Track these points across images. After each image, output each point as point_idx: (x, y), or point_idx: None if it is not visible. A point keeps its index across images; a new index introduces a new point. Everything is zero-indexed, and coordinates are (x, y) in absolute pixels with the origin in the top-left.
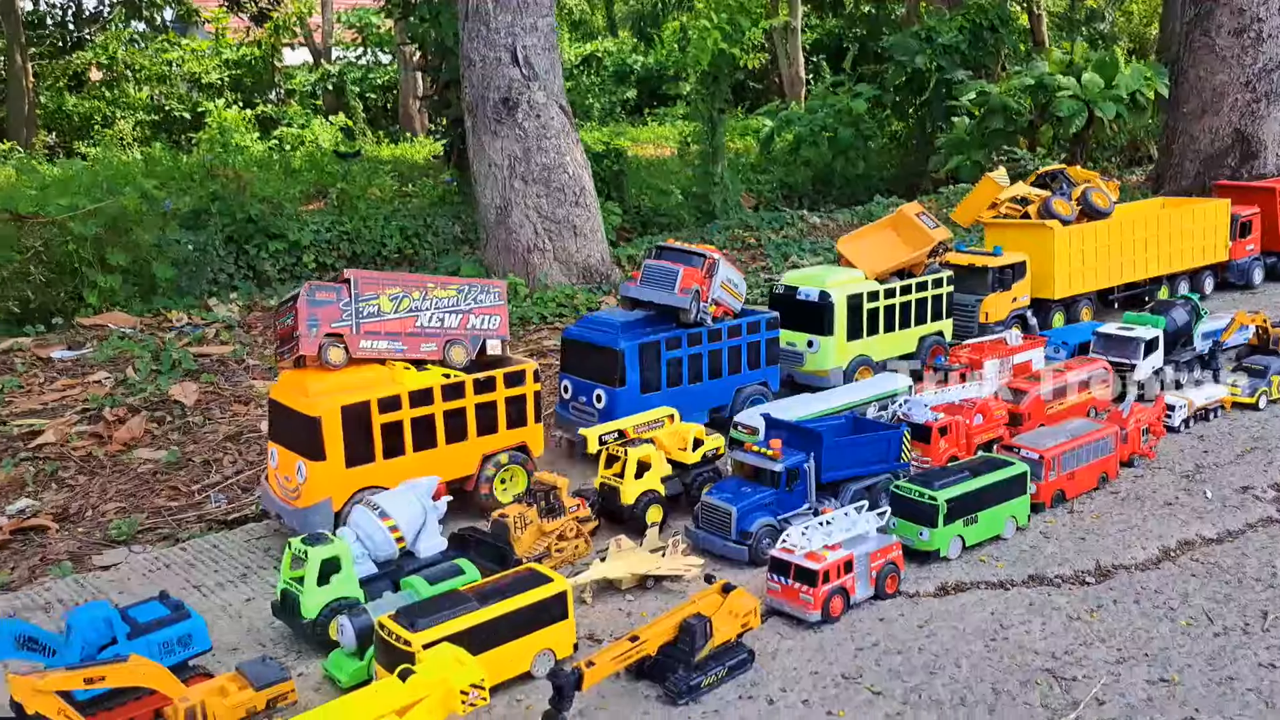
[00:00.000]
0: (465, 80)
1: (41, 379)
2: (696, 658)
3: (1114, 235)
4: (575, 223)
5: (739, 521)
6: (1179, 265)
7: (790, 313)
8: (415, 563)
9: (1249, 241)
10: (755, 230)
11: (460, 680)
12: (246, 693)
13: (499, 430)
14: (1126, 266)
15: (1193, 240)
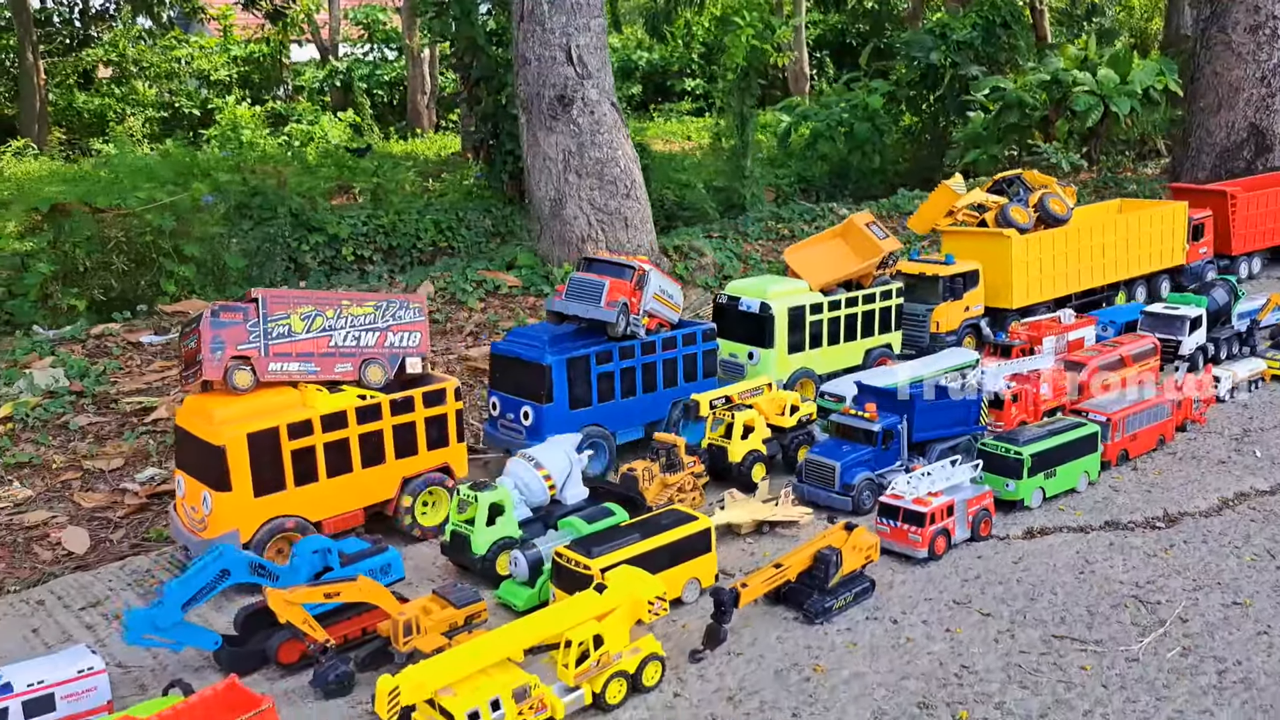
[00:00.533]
0: (520, 78)
1: (138, 361)
2: (830, 583)
3: (1072, 242)
4: (626, 214)
5: (842, 475)
6: (1136, 270)
7: (733, 324)
8: (563, 508)
9: (1202, 245)
10: (788, 222)
11: (646, 593)
12: (448, 611)
13: (419, 452)
14: (1084, 273)
15: (1150, 245)
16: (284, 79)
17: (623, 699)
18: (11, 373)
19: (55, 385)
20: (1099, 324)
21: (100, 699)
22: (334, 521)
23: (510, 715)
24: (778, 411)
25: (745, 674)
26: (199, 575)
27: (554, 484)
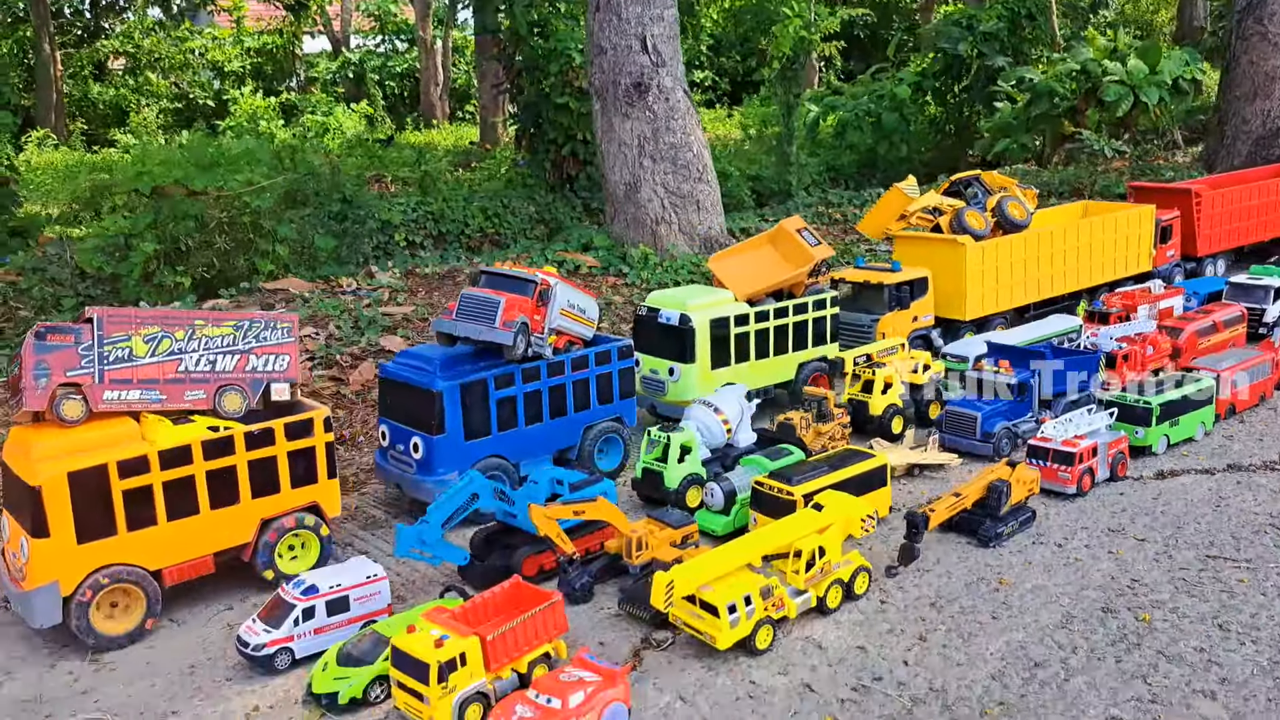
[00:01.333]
0: (595, 66)
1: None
2: (1001, 511)
3: (1031, 249)
4: (698, 197)
5: (982, 425)
6: (1101, 277)
7: (653, 337)
8: (736, 449)
9: (1170, 247)
10: (838, 206)
11: (858, 512)
12: (667, 531)
13: (281, 490)
14: (1044, 282)
15: (1115, 250)
16: (296, 70)
17: (839, 603)
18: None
19: None
20: (1184, 294)
21: (383, 602)
22: (177, 570)
23: (758, 610)
24: (910, 369)
25: (939, 586)
26: (454, 499)
27: (730, 427)
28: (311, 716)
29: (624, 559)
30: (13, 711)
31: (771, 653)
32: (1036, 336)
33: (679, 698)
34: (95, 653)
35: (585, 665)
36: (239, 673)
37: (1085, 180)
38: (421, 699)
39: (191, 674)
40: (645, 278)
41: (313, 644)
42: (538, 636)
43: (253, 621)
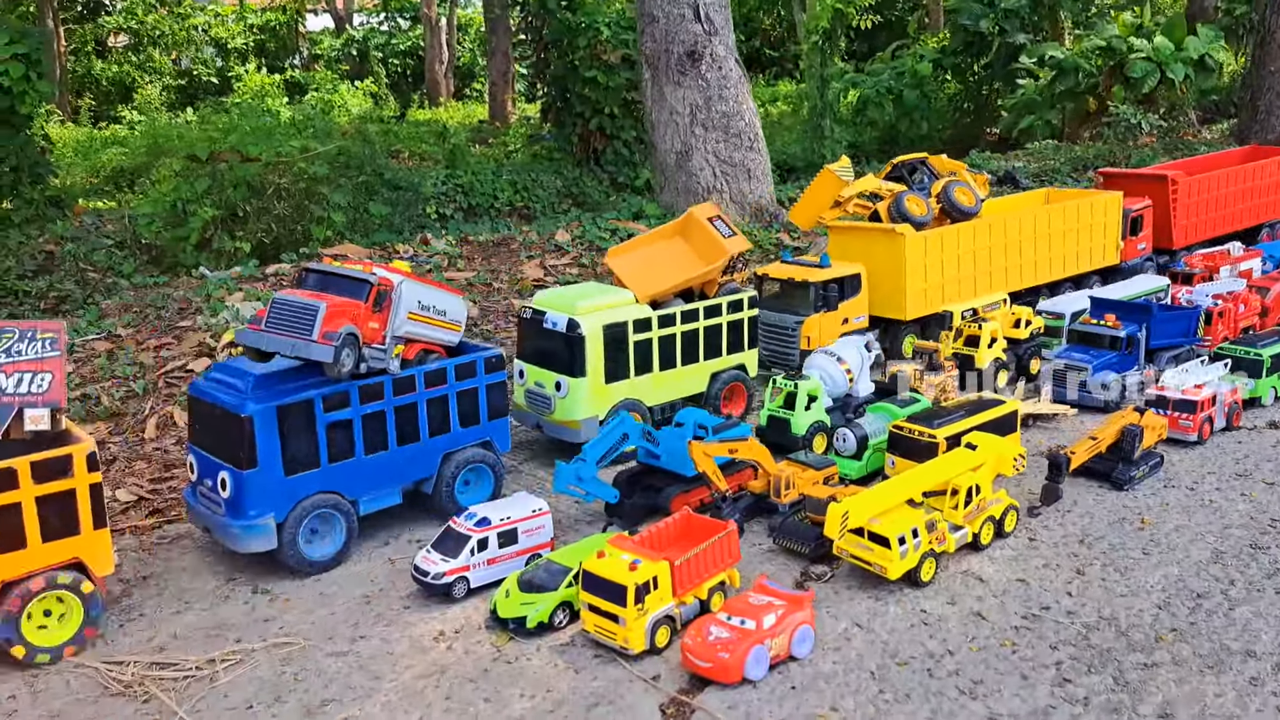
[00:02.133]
0: (646, 35)
1: None
2: (1135, 455)
3: (981, 239)
4: (749, 166)
5: (1093, 377)
6: (1062, 271)
7: (539, 344)
8: (857, 398)
9: (1140, 239)
10: None
11: (1010, 452)
12: (810, 472)
13: (28, 545)
14: (997, 275)
15: (1078, 241)
16: (300, 48)
17: (990, 540)
18: (216, 305)
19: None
20: (1262, 257)
21: (546, 535)
22: None
23: (924, 543)
24: (1011, 325)
25: (1084, 525)
26: (607, 438)
27: (852, 376)
28: (501, 639)
29: (771, 498)
30: (200, 638)
31: (935, 584)
32: (1128, 295)
33: (855, 624)
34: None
35: (768, 591)
36: (415, 601)
37: (1119, 155)
38: (616, 620)
39: (368, 603)
40: None
41: (486, 574)
42: (716, 564)
43: (428, 552)
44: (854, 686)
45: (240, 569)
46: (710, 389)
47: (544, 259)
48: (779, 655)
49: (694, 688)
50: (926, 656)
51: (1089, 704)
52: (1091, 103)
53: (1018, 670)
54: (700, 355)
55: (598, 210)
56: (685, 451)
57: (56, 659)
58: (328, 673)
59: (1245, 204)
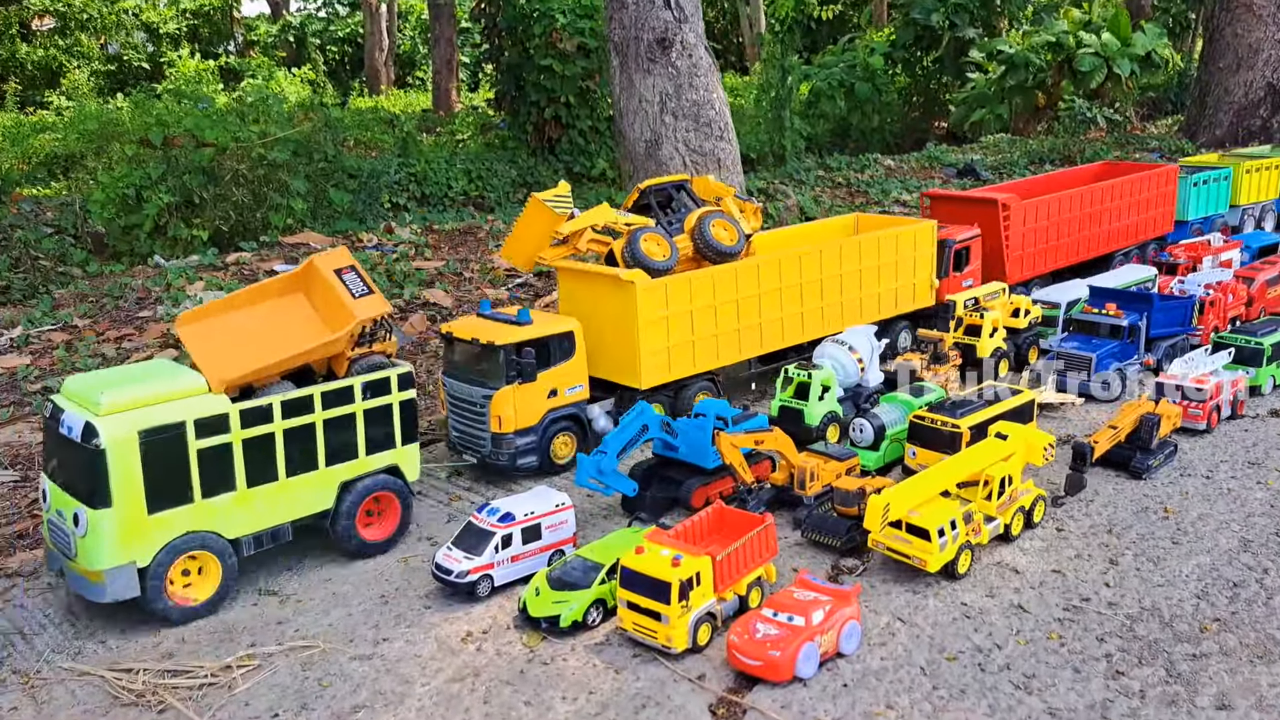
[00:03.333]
0: (614, 22)
1: None
2: (1153, 444)
3: (745, 287)
4: (720, 156)
5: (1097, 366)
6: (862, 316)
7: (61, 457)
8: (868, 388)
9: (967, 274)
10: (839, 171)
11: (1040, 440)
12: (833, 464)
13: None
14: (770, 330)
15: (881, 281)
16: (234, 33)
17: (1020, 531)
18: (178, 294)
19: None
20: (1241, 247)
21: (570, 530)
22: None
23: (961, 534)
24: (1009, 314)
25: (1109, 514)
26: (627, 430)
27: (864, 365)
28: (532, 639)
29: (794, 490)
30: (209, 642)
31: (970, 577)
32: (1120, 284)
33: (897, 619)
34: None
35: (812, 586)
36: (436, 601)
37: (1072, 149)
38: (658, 619)
39: (385, 603)
40: None
41: (510, 571)
42: (755, 559)
43: (449, 549)
44: (906, 683)
45: (241, 572)
46: (340, 505)
47: None
48: (827, 652)
49: (742, 686)
50: (975, 651)
51: (1145, 697)
52: (1041, 97)
53: (1069, 663)
54: (320, 460)
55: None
56: (705, 443)
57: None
58: (354, 678)
59: (1093, 230)
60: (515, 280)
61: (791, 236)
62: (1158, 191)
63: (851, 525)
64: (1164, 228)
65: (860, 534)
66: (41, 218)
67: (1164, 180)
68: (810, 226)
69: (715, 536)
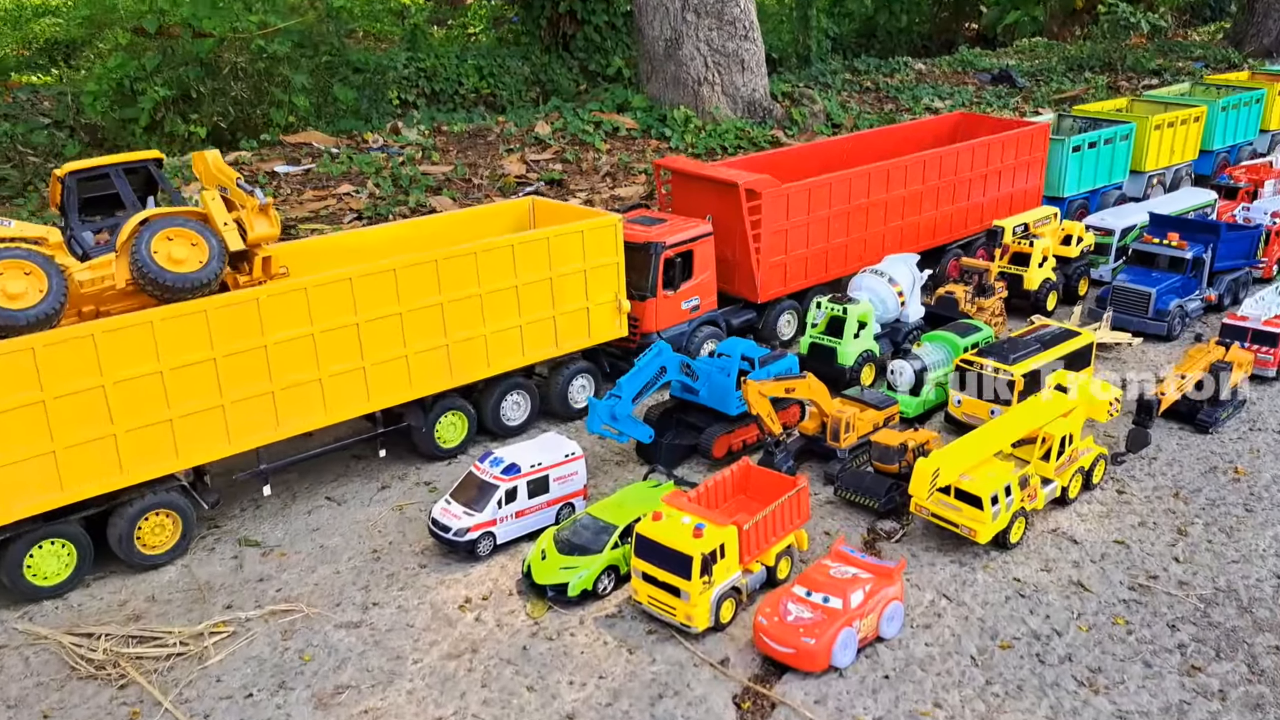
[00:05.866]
0: None
1: (287, 190)
2: (1222, 396)
3: (194, 346)
4: (743, 57)
5: (1156, 302)
6: (489, 367)
7: None
8: (907, 324)
9: (689, 292)
10: (866, 74)
11: (1106, 395)
12: (870, 412)
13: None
14: (241, 424)
15: (532, 307)
16: None
17: (1078, 494)
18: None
19: None
20: None
21: (580, 482)
22: None
23: (1015, 501)
24: (1060, 242)
25: (1174, 475)
26: (643, 372)
27: (904, 299)
28: (538, 609)
29: (827, 441)
30: (182, 601)
31: (1023, 546)
32: (1175, 210)
33: (942, 595)
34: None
35: (851, 560)
36: (432, 559)
37: (1114, 55)
38: (677, 594)
39: (377, 560)
40: (690, 141)
41: (514, 528)
42: (785, 526)
43: (447, 503)
44: (956, 676)
45: (223, 516)
46: None
47: (524, 153)
48: (866, 637)
49: (770, 674)
50: (1032, 638)
51: (1226, 698)
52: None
53: (1138, 656)
54: None
55: (569, 100)
56: (728, 388)
57: None
58: (339, 650)
59: (858, 232)
60: (527, 188)
61: (434, 231)
62: (1020, 159)
63: (892, 484)
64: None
65: (901, 495)
66: (38, 107)
67: (1031, 143)
68: (475, 213)
69: (740, 498)
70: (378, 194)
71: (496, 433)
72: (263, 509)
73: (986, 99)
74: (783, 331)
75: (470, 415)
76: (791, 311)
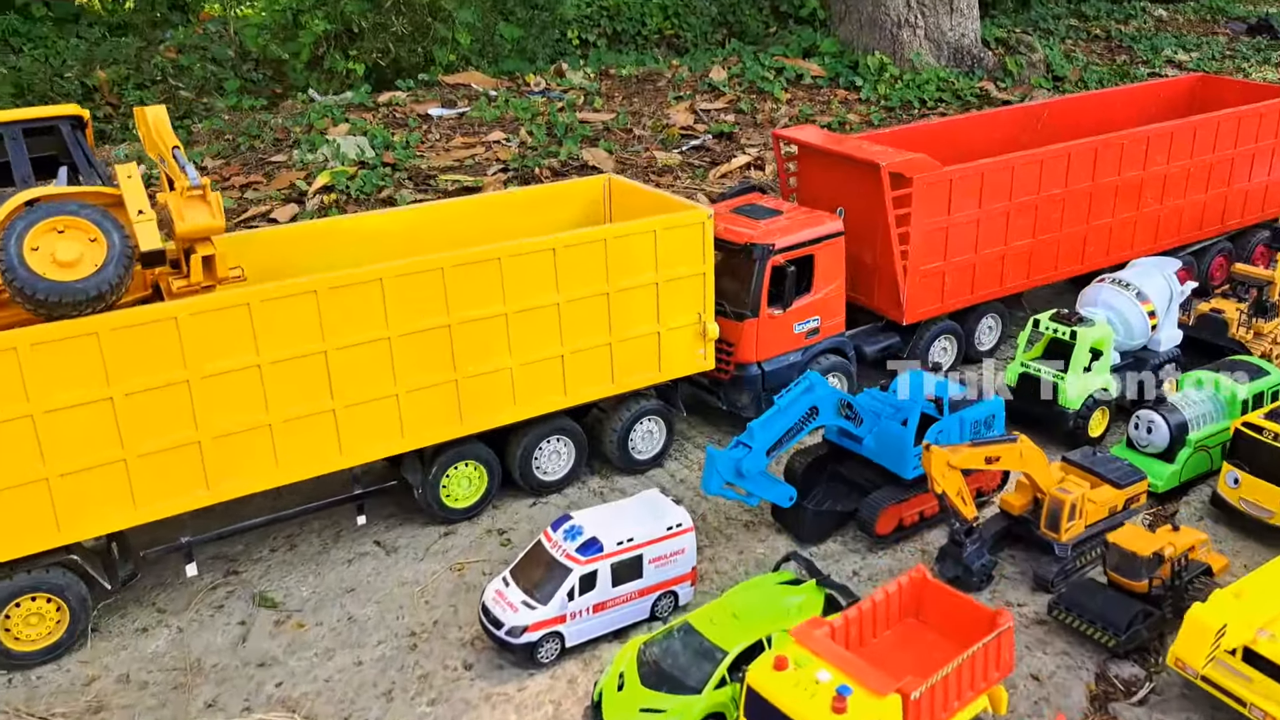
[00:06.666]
0: None
1: (436, 135)
2: None
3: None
4: None
5: None
6: (479, 419)
7: None
8: (1158, 354)
9: (806, 310)
10: (1095, 20)
11: None
12: (1107, 491)
13: None
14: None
15: (546, 337)
16: None
17: None
18: (315, 138)
19: (364, 155)
20: None
21: (687, 564)
22: None
23: None
24: None
25: None
26: (785, 414)
27: (1156, 320)
28: None
29: (1039, 529)
30: (160, 686)
31: None
32: None
33: None
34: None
35: None
36: (483, 656)
37: None
38: None
39: (414, 648)
40: (882, 93)
41: (590, 626)
42: (975, 684)
43: (505, 584)
44: None
45: (246, 558)
46: None
47: (695, 101)
48: None
49: None
50: None
51: None
52: None
53: None
54: None
55: (758, 44)
56: (904, 442)
57: None
58: None
59: (1113, 214)
60: (693, 141)
61: (453, 213)
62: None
63: (1139, 611)
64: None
65: (1149, 627)
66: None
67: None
68: (532, 194)
69: (909, 624)
70: (529, 143)
71: (525, 488)
72: (299, 550)
73: (1241, 53)
74: (935, 364)
75: (492, 466)
76: (950, 337)
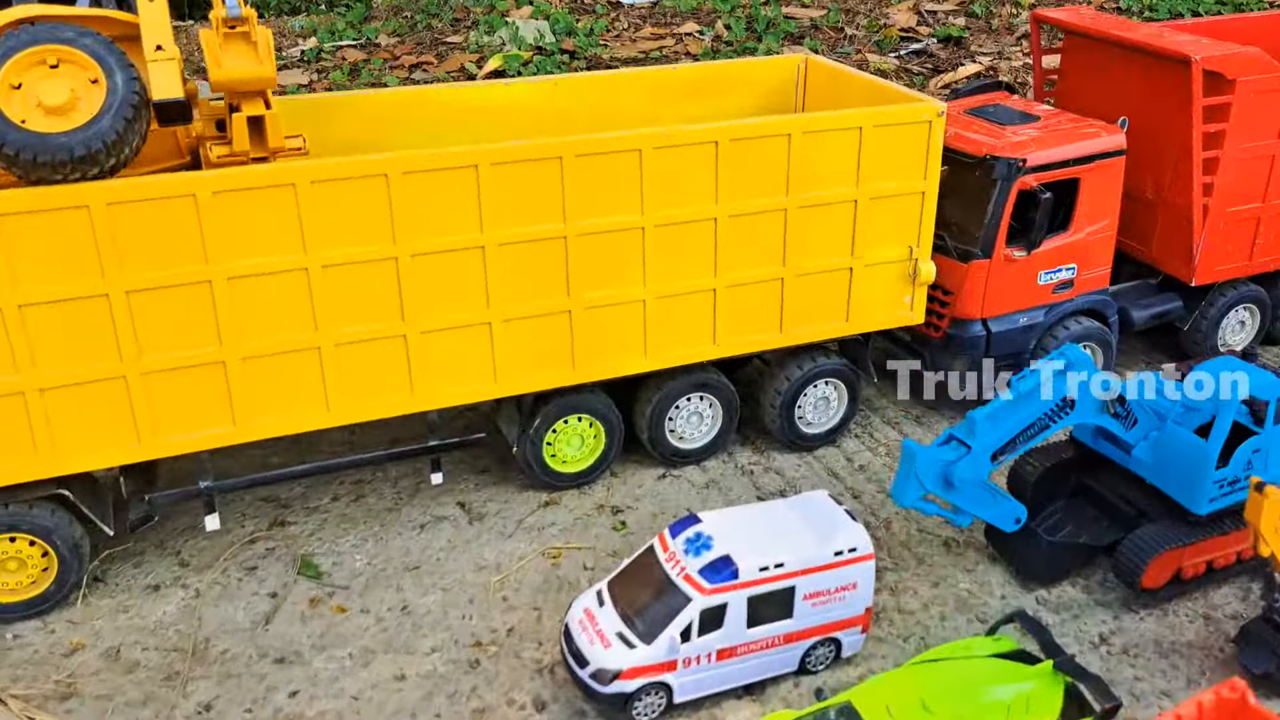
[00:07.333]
0: None
1: (624, 24)
2: None
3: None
4: None
5: None
6: (597, 367)
7: None
8: None
9: (1060, 255)
10: None
11: None
12: None
13: None
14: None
15: (698, 265)
16: None
17: None
18: (494, 19)
19: (542, 40)
20: None
21: (858, 604)
22: None
23: None
24: None
25: None
26: (1023, 403)
27: None
28: None
29: None
30: (153, 671)
31: None
32: None
33: None
34: None
35: None
36: (561, 694)
37: None
38: None
39: (475, 668)
40: None
41: (707, 679)
42: None
43: (598, 602)
44: None
45: (302, 505)
46: None
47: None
48: None
49: None
50: None
51: None
52: None
53: None
54: None
55: None
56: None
57: None
58: None
59: None
60: (914, 45)
61: (595, 89)
62: None
63: None
64: None
65: None
66: None
67: None
68: (704, 70)
69: None
70: (725, 37)
71: (654, 455)
72: (364, 503)
73: None
74: (1227, 339)
75: (612, 423)
76: (1251, 307)
